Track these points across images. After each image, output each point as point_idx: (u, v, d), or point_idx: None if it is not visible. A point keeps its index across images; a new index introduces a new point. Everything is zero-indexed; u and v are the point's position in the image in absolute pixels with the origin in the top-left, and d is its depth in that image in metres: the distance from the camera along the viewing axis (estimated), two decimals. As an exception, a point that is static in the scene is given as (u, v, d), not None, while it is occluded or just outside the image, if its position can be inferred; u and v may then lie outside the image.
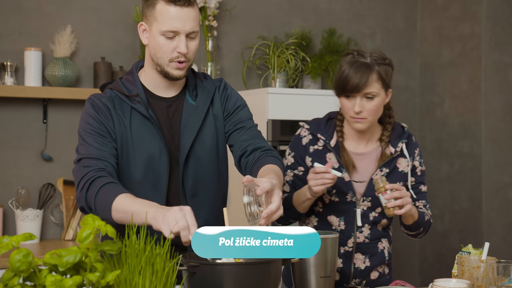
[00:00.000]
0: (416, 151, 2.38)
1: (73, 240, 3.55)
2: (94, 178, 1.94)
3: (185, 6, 1.99)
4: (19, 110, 3.60)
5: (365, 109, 2.21)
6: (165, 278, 1.54)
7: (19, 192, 3.52)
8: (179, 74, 2.06)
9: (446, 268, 4.24)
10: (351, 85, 2.18)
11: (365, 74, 2.18)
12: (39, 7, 3.66)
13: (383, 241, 2.36)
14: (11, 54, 3.58)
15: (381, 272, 2.35)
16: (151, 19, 2.02)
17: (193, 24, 2.02)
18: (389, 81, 2.26)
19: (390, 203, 2.13)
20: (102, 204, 1.89)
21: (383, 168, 2.29)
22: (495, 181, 4.21)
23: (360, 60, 2.21)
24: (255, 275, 1.65)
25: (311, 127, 2.35)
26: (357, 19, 4.51)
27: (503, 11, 4.24)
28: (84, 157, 2.00)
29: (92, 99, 2.09)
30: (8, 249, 1.40)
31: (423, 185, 2.40)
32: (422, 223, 2.32)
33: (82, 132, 2.05)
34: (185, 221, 1.71)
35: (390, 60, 2.27)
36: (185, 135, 2.10)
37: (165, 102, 2.12)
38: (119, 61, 3.81)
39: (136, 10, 3.79)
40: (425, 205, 2.37)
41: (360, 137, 2.34)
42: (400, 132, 2.36)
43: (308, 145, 2.34)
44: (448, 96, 4.44)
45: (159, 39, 2.01)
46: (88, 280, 1.41)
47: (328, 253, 1.91)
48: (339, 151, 2.30)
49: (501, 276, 1.83)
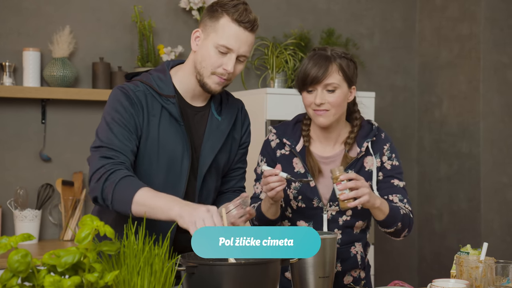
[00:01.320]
0: (386, 147, 2.28)
1: (72, 241, 3.54)
2: (114, 170, 1.92)
3: (247, 30, 2.06)
4: (17, 110, 3.60)
5: (327, 101, 2.16)
6: (163, 278, 1.54)
7: (18, 193, 3.51)
8: (216, 89, 2.08)
9: (445, 268, 4.24)
10: (310, 76, 2.15)
11: (324, 64, 2.15)
12: (37, 7, 3.66)
13: (357, 245, 2.28)
14: (9, 54, 3.58)
15: (355, 276, 2.27)
16: (210, 29, 2.04)
17: (247, 49, 2.07)
18: (352, 76, 2.20)
19: (343, 195, 1.99)
20: (121, 196, 1.88)
21: (348, 170, 2.21)
22: (493, 182, 4.22)
23: (319, 53, 2.19)
24: (254, 275, 1.65)
25: (278, 131, 2.30)
26: (355, 19, 4.51)
27: (502, 11, 4.24)
28: (104, 146, 1.98)
29: (126, 89, 2.07)
30: (7, 250, 1.40)
31: (398, 180, 2.26)
32: (397, 217, 2.16)
33: (109, 119, 2.03)
34: (212, 222, 1.74)
35: (352, 57, 2.23)
36: (206, 148, 2.14)
37: (191, 110, 2.14)
38: (118, 62, 3.80)
39: (134, 10, 3.79)
40: (401, 199, 2.24)
41: (327, 139, 2.27)
42: (368, 130, 2.28)
43: (276, 149, 2.29)
44: (446, 97, 4.45)
45: (211, 51, 2.03)
46: (87, 280, 1.41)
47: (327, 253, 1.91)
48: (305, 156, 2.25)
49: (500, 276, 1.83)
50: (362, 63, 4.46)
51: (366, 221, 2.31)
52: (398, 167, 2.29)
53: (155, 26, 3.86)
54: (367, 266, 2.34)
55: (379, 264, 4.48)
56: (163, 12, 3.90)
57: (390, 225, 2.17)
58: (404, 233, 2.23)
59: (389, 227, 2.18)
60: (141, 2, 3.87)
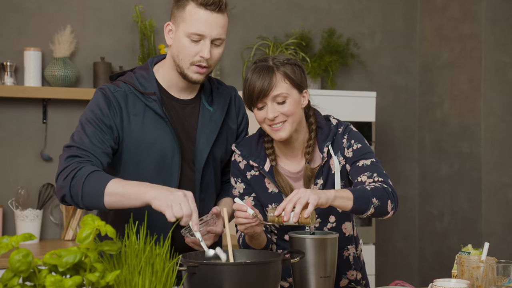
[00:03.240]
0: (344, 140, 2.12)
1: (73, 240, 3.55)
2: (80, 167, 1.90)
3: (215, 11, 1.99)
4: (18, 110, 3.60)
5: (279, 113, 2.02)
6: (164, 278, 1.54)
7: (19, 192, 3.52)
8: (198, 78, 2.04)
9: (446, 268, 4.24)
10: (256, 91, 2.00)
11: (268, 75, 2.01)
12: (39, 7, 3.66)
13: (349, 248, 2.21)
14: (10, 54, 3.58)
15: (352, 279, 2.22)
16: (179, 20, 2.01)
17: (220, 31, 2.01)
18: (301, 81, 2.07)
19: (294, 218, 1.81)
20: (92, 189, 1.86)
21: (317, 180, 2.10)
22: (494, 182, 4.21)
23: (261, 64, 2.05)
24: (255, 275, 1.65)
25: (242, 152, 2.15)
26: (356, 19, 4.51)
27: (503, 11, 4.24)
28: (75, 146, 1.96)
29: (105, 90, 2.05)
30: (8, 249, 1.40)
31: (363, 160, 2.08)
32: (366, 196, 1.93)
33: (84, 120, 2.02)
34: (189, 207, 1.73)
35: (297, 61, 2.10)
36: (201, 141, 2.11)
37: (179, 104, 2.12)
38: (119, 61, 3.81)
39: (135, 10, 3.79)
40: (369, 175, 2.04)
41: (292, 151, 2.13)
42: (326, 132, 2.14)
43: (245, 171, 2.15)
44: (447, 97, 4.44)
45: (184, 41, 2.00)
46: (88, 280, 1.41)
47: (328, 253, 1.90)
48: (274, 176, 2.11)
49: (501, 276, 1.83)
50: (363, 63, 4.46)
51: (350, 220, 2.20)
52: (360, 149, 2.10)
53: (156, 25, 3.86)
54: (362, 265, 2.27)
55: (380, 264, 4.48)
56: (164, 11, 3.90)
57: (365, 208, 1.93)
58: (389, 207, 1.98)
59: (365, 210, 1.94)
60: (142, 1, 3.87)
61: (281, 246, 2.18)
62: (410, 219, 4.67)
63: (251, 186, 2.15)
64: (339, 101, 3.92)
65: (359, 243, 2.28)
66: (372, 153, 2.11)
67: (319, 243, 1.88)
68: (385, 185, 2.00)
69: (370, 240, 4.00)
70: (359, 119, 3.96)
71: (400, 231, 4.65)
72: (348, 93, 3.98)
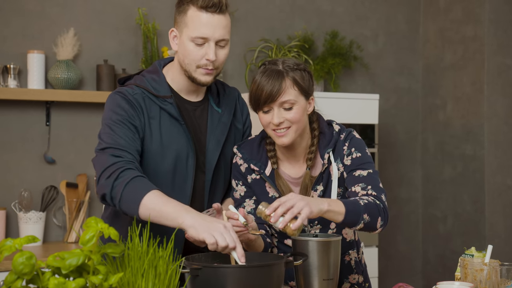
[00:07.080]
0: (345, 147, 2.10)
1: (76, 243, 3.55)
2: (125, 168, 1.88)
3: (216, 13, 1.99)
4: (22, 112, 3.61)
5: (285, 119, 2.00)
6: (168, 280, 1.54)
7: (22, 195, 3.52)
8: (206, 80, 2.05)
9: (449, 270, 4.24)
10: (264, 94, 1.98)
11: (277, 80, 1.98)
12: (42, 9, 3.67)
13: (351, 252, 2.20)
14: (14, 57, 3.59)
15: (354, 282, 2.21)
16: (182, 25, 2.02)
17: (223, 31, 2.02)
18: (308, 87, 2.04)
19: (281, 224, 1.80)
20: (130, 196, 1.84)
21: (317, 186, 2.08)
22: (498, 184, 4.21)
23: (271, 68, 2.03)
24: (258, 277, 1.65)
25: (244, 155, 2.13)
26: (359, 21, 4.51)
27: (506, 13, 4.24)
28: (110, 147, 1.94)
29: (123, 93, 2.04)
30: (11, 252, 1.40)
31: (361, 170, 2.06)
32: (358, 211, 1.91)
33: (110, 122, 1.99)
34: (233, 240, 1.72)
35: (306, 66, 2.07)
36: (211, 143, 2.12)
37: (190, 106, 2.13)
38: (122, 64, 3.81)
39: (138, 12, 3.80)
40: (364, 187, 2.02)
41: (294, 156, 2.12)
42: (328, 139, 2.11)
43: (246, 175, 2.14)
44: (450, 99, 4.44)
45: (189, 46, 2.00)
46: (91, 282, 1.41)
47: (331, 255, 1.90)
48: (275, 180, 2.10)
49: (505, 278, 1.83)
50: (366, 65, 4.46)
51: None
52: (359, 158, 2.08)
53: (159, 28, 3.87)
54: (364, 268, 2.27)
55: (383, 267, 4.48)
56: (167, 14, 3.90)
57: (355, 222, 1.91)
58: (378, 224, 1.97)
59: (355, 224, 1.92)
60: (145, 4, 3.88)
61: (282, 250, 2.17)
62: (413, 222, 4.67)
63: (251, 189, 2.15)
64: (342, 103, 3.91)
65: (360, 247, 2.27)
66: (371, 164, 2.09)
67: (323, 246, 1.88)
68: (378, 200, 1.98)
69: (373, 242, 3.99)
70: (362, 121, 3.96)
71: (403, 234, 4.65)
72: (351, 95, 3.98)
